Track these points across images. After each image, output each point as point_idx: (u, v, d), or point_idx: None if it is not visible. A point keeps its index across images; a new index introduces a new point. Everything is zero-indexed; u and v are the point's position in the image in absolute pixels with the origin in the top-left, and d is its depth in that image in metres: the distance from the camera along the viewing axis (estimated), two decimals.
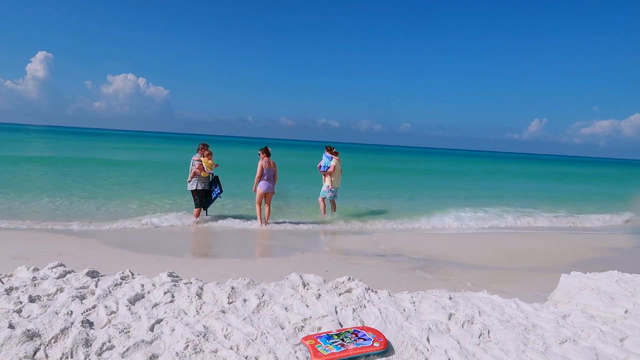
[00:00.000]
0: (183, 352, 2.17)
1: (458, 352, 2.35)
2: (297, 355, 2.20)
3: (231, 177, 10.64)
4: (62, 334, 2.25)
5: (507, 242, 8.18)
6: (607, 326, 2.82)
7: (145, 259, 5.68)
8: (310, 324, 2.60)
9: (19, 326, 2.25)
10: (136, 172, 18.02)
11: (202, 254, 6.69)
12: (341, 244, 7.30)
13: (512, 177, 30.47)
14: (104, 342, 2.21)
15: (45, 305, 2.58)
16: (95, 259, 5.42)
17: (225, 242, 7.47)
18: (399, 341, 2.43)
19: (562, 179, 32.07)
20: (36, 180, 13.54)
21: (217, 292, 2.98)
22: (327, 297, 2.99)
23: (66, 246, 6.09)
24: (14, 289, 2.76)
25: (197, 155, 8.44)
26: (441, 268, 5.73)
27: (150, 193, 11.83)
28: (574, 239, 8.95)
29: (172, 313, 2.64)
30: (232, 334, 2.41)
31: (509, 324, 2.76)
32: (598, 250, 7.52)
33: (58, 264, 3.27)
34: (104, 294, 2.78)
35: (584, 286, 3.63)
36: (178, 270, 3.50)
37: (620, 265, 4.76)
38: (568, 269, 4.53)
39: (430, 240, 7.95)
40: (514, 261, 6.49)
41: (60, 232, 6.98)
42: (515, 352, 2.40)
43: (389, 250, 6.76)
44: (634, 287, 3.59)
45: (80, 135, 74.43)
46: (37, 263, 3.36)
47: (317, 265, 5.59)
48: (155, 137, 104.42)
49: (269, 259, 6.10)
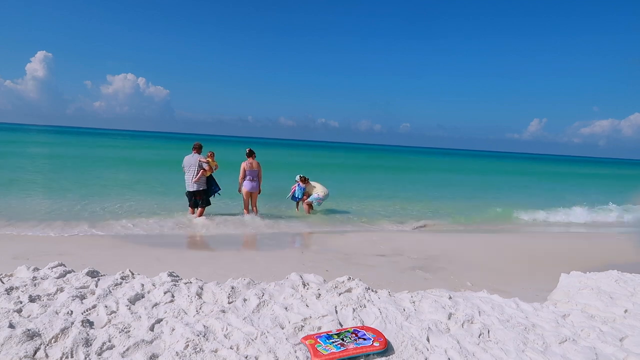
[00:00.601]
0: (183, 351, 2.17)
1: (458, 352, 2.36)
2: (297, 354, 2.20)
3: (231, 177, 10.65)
4: (62, 333, 2.25)
5: (507, 242, 8.18)
6: (607, 326, 2.82)
7: (146, 259, 5.68)
8: (310, 324, 2.60)
9: (19, 326, 2.25)
10: (136, 172, 18.03)
11: (202, 254, 6.69)
12: (341, 243, 7.30)
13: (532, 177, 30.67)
14: (104, 342, 2.22)
15: (46, 305, 2.58)
16: (95, 258, 5.43)
17: (225, 243, 7.46)
18: (399, 341, 2.44)
19: (566, 178, 32.11)
20: (37, 180, 13.54)
21: (217, 292, 2.98)
22: (327, 297, 2.99)
23: (66, 246, 6.10)
24: (14, 289, 2.76)
25: (201, 156, 8.38)
26: (441, 268, 5.73)
27: (150, 193, 11.84)
28: (574, 239, 8.96)
29: (172, 313, 2.64)
30: (232, 333, 2.42)
31: (508, 324, 2.76)
32: (598, 251, 7.53)
33: (58, 263, 3.27)
34: (104, 294, 2.79)
35: (584, 286, 3.63)
36: (178, 270, 3.50)
37: (620, 265, 4.77)
38: (568, 268, 4.53)
39: (430, 240, 7.95)
40: (514, 261, 6.49)
41: (60, 232, 6.98)
42: (515, 351, 2.41)
43: (389, 250, 6.76)
44: (634, 286, 3.60)
45: (81, 135, 74.44)
46: (37, 263, 3.36)
47: (317, 265, 5.60)
48: (155, 137, 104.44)
49: (269, 259, 6.10)
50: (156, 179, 15.42)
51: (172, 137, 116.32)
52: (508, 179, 28.76)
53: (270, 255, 6.42)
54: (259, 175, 8.84)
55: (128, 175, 16.62)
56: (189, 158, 8.34)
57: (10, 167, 16.77)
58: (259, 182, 8.86)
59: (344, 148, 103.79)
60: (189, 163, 8.31)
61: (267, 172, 9.50)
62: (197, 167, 8.24)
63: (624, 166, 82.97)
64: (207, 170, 8.31)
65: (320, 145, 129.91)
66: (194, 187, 8.27)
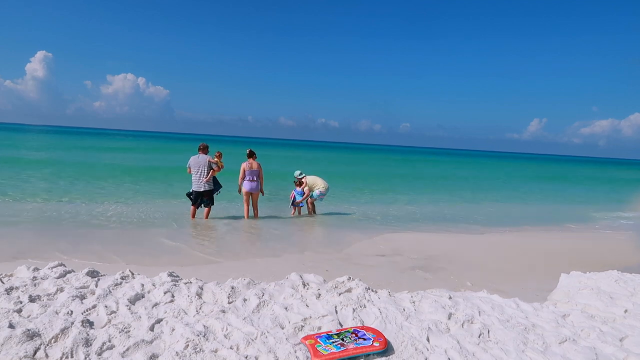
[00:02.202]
0: (183, 351, 2.17)
1: (458, 352, 2.35)
2: (297, 355, 2.20)
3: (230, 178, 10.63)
4: (62, 333, 2.25)
5: (507, 242, 8.18)
6: (607, 326, 2.82)
7: (145, 259, 5.68)
8: (310, 324, 2.60)
9: (19, 326, 2.25)
10: (136, 172, 18.04)
11: (202, 254, 6.69)
12: (341, 243, 7.30)
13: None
14: (104, 342, 2.21)
15: (46, 305, 2.58)
16: (95, 258, 5.44)
17: (225, 243, 7.46)
18: (399, 341, 2.43)
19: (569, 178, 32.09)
20: (36, 180, 13.54)
21: (217, 292, 2.98)
22: (327, 297, 2.99)
23: (66, 246, 6.10)
24: (14, 289, 2.76)
25: (209, 157, 8.44)
26: (441, 268, 5.73)
27: (151, 193, 11.84)
28: (574, 239, 8.96)
29: (172, 313, 2.64)
30: (232, 333, 2.41)
31: (508, 324, 2.76)
32: (598, 251, 7.53)
33: (58, 263, 3.27)
34: (104, 294, 2.79)
35: (584, 286, 3.63)
36: (178, 270, 3.50)
37: (620, 265, 4.77)
38: (568, 268, 4.53)
39: (430, 240, 7.95)
40: (514, 261, 6.49)
41: (61, 232, 6.98)
42: (515, 351, 2.41)
43: (389, 250, 6.76)
44: (634, 286, 3.60)
45: (81, 135, 74.42)
46: (37, 263, 3.37)
47: (317, 265, 5.60)
48: (155, 137, 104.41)
49: (269, 259, 6.10)
50: (155, 179, 15.42)
51: (172, 137, 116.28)
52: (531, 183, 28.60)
53: (270, 255, 6.42)
54: (260, 176, 8.81)
55: (127, 175, 16.62)
56: (195, 159, 8.39)
57: (10, 167, 16.77)
58: (260, 182, 8.82)
59: (344, 148, 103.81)
60: (197, 163, 8.35)
61: (267, 172, 9.49)
62: (207, 168, 8.30)
63: (624, 166, 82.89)
64: (216, 170, 8.43)
65: (321, 145, 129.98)
66: (205, 187, 8.33)
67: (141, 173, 17.67)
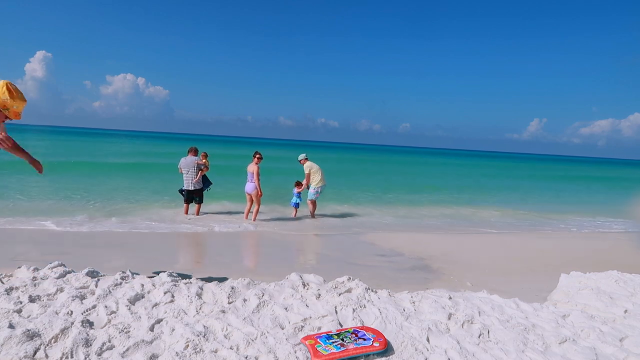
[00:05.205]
0: (183, 351, 2.17)
1: (458, 352, 2.36)
2: (297, 355, 2.20)
3: (233, 178, 10.70)
4: (62, 333, 2.25)
5: (507, 242, 8.18)
6: (607, 326, 2.82)
7: (145, 259, 5.68)
8: (310, 324, 2.60)
9: (19, 326, 2.25)
10: (135, 171, 18.02)
11: (202, 254, 6.69)
12: (340, 243, 7.30)
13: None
14: (104, 342, 2.22)
15: (46, 305, 2.58)
16: (95, 258, 5.42)
17: (225, 243, 7.46)
18: (399, 341, 2.43)
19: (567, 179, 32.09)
20: (37, 180, 13.53)
21: (217, 292, 2.98)
22: (327, 297, 2.99)
23: (66, 246, 6.09)
24: (14, 289, 2.76)
25: (198, 159, 8.99)
26: (441, 268, 5.73)
27: (150, 193, 11.84)
28: (574, 239, 8.95)
29: (172, 313, 2.64)
30: (232, 333, 2.42)
31: (508, 324, 2.76)
32: (598, 251, 7.53)
33: (58, 263, 3.27)
34: (104, 294, 2.79)
35: (584, 286, 3.63)
36: (178, 270, 3.50)
37: (620, 265, 4.76)
38: (568, 268, 4.53)
39: (430, 240, 7.94)
40: (514, 261, 6.49)
41: (60, 232, 6.98)
42: (515, 351, 2.41)
43: (389, 250, 6.75)
44: (634, 287, 3.60)
45: (80, 135, 74.39)
46: (37, 263, 3.36)
47: (317, 265, 5.60)
48: (155, 137, 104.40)
49: (268, 259, 6.09)
50: (155, 179, 15.40)
51: (171, 137, 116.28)
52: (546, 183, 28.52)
53: (270, 256, 6.41)
54: (255, 177, 8.80)
55: (127, 175, 16.61)
56: (185, 160, 8.91)
57: (10, 166, 16.75)
58: (256, 183, 8.79)
59: (344, 148, 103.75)
60: (187, 165, 8.88)
61: (265, 172, 9.44)
62: (196, 169, 8.82)
63: (624, 166, 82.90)
64: (204, 170, 9.02)
65: (320, 145, 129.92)
66: (194, 186, 8.85)
67: (140, 170, 17.66)
